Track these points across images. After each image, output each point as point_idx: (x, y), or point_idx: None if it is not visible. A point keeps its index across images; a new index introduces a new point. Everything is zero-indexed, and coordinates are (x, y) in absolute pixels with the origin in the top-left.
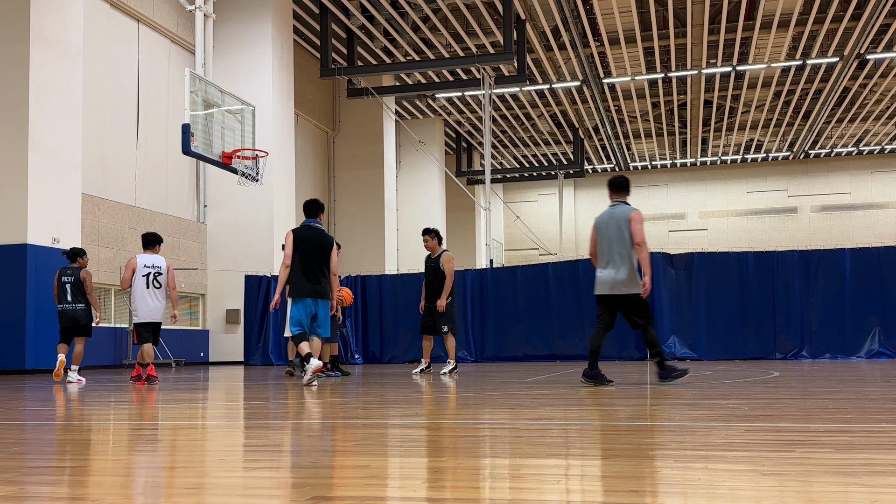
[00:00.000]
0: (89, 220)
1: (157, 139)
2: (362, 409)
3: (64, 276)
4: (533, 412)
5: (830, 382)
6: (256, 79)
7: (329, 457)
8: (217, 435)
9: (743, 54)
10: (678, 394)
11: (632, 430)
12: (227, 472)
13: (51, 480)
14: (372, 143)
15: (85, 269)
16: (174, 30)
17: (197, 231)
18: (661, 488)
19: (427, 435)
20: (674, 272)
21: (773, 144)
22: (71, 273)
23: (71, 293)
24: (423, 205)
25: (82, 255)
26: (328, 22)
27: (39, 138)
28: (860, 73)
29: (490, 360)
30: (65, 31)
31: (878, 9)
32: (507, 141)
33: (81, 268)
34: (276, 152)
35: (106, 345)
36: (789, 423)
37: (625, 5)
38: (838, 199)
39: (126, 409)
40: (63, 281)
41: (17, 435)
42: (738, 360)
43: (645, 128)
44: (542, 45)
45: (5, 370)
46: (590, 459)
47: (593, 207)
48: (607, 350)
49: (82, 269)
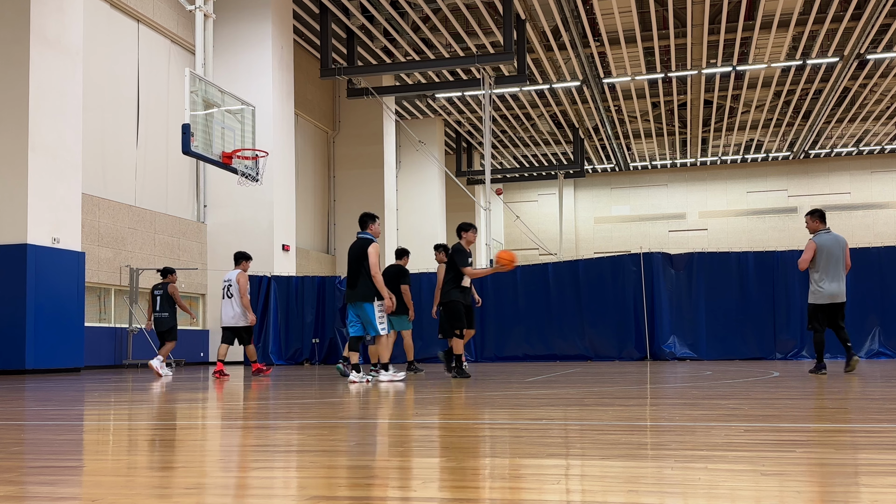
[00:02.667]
0: (89, 220)
1: (157, 139)
2: (362, 409)
3: (156, 290)
4: (533, 412)
5: (830, 382)
6: (256, 79)
7: (329, 457)
8: (217, 435)
9: (743, 54)
10: (678, 394)
11: (632, 430)
12: (227, 472)
13: (51, 480)
14: (372, 143)
15: (172, 285)
16: (174, 30)
17: (197, 231)
18: (661, 488)
19: (427, 435)
20: (674, 272)
21: (773, 144)
22: (161, 287)
23: (160, 304)
24: (423, 205)
25: (172, 273)
26: (328, 22)
27: (39, 138)
28: (860, 73)
29: (490, 360)
30: (65, 31)
31: (878, 9)
32: (507, 141)
33: (169, 283)
34: (276, 152)
35: (106, 345)
36: (789, 423)
37: (625, 5)
38: (838, 199)
39: (126, 409)
40: (155, 294)
41: (17, 435)
42: (738, 360)
43: (645, 128)
44: (542, 45)
45: (5, 370)
46: (590, 459)
47: (593, 207)
48: (607, 350)
49: (170, 285)
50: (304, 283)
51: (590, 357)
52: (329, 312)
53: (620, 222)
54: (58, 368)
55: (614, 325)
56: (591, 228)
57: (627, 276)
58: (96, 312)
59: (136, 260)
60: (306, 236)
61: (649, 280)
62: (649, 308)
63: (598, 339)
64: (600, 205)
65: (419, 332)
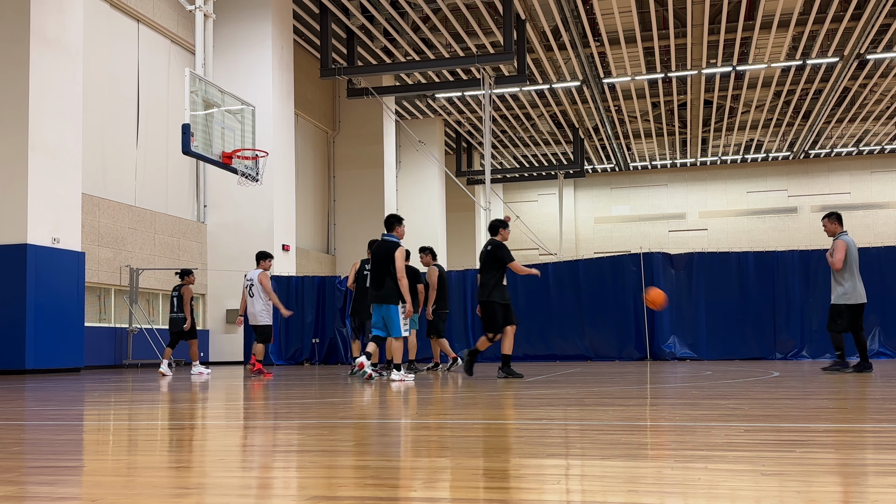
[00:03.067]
0: (89, 220)
1: (157, 139)
2: (362, 408)
3: (174, 291)
4: (533, 412)
5: (830, 382)
6: (256, 79)
7: (329, 457)
8: (217, 435)
9: (743, 54)
10: (678, 394)
11: (632, 430)
12: (227, 472)
13: (51, 480)
14: (372, 143)
15: (186, 287)
16: (174, 30)
17: (197, 231)
18: (661, 488)
19: (427, 435)
20: (674, 272)
21: (773, 144)
22: (177, 288)
23: (175, 305)
24: (423, 205)
25: (189, 274)
26: (328, 22)
27: (39, 138)
28: (860, 73)
29: (490, 360)
30: (65, 31)
31: (878, 9)
32: (507, 141)
33: (184, 284)
34: (276, 152)
35: (106, 345)
36: (789, 423)
37: (625, 5)
38: (838, 199)
39: (126, 409)
40: (172, 296)
41: (17, 435)
42: (738, 360)
43: (645, 128)
44: (542, 45)
45: (5, 370)
46: (590, 459)
47: (593, 207)
48: (607, 350)
49: (184, 286)
50: (304, 284)
51: (590, 357)
52: (329, 312)
53: (620, 222)
54: (58, 368)
55: (614, 325)
56: (591, 228)
57: (627, 276)
58: (96, 312)
59: (136, 260)
60: (306, 236)
61: (649, 280)
62: (649, 308)
63: (598, 339)
64: (600, 205)
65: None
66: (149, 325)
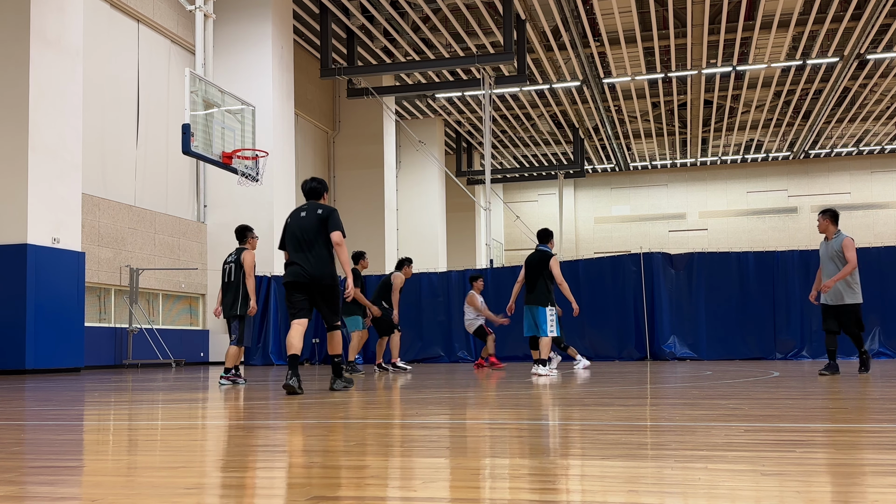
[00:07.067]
0: (89, 220)
1: (157, 139)
2: (362, 409)
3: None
4: (533, 412)
5: (830, 382)
6: (256, 79)
7: (329, 457)
8: (217, 435)
9: (743, 54)
10: (678, 394)
11: (632, 430)
12: (227, 472)
13: (51, 480)
14: (372, 143)
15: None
16: (174, 30)
17: (197, 231)
18: (661, 488)
19: (427, 435)
20: (674, 272)
21: (773, 144)
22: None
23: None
24: (423, 205)
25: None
26: (328, 22)
27: (39, 138)
28: (860, 73)
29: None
30: (65, 31)
31: (878, 9)
32: (507, 141)
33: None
34: (276, 152)
35: (106, 345)
36: (789, 423)
37: (625, 5)
38: (838, 199)
39: (126, 409)
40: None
41: (17, 435)
42: (738, 360)
43: (645, 128)
44: (542, 45)
45: (5, 370)
46: (590, 459)
47: (593, 207)
48: (607, 350)
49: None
50: None
51: (590, 357)
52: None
53: (620, 222)
54: (58, 368)
55: (614, 325)
56: (591, 228)
57: (627, 276)
58: (96, 312)
59: (136, 260)
60: None
61: (649, 280)
62: (649, 308)
63: (598, 339)
64: (600, 205)
65: (419, 333)
66: (149, 326)
